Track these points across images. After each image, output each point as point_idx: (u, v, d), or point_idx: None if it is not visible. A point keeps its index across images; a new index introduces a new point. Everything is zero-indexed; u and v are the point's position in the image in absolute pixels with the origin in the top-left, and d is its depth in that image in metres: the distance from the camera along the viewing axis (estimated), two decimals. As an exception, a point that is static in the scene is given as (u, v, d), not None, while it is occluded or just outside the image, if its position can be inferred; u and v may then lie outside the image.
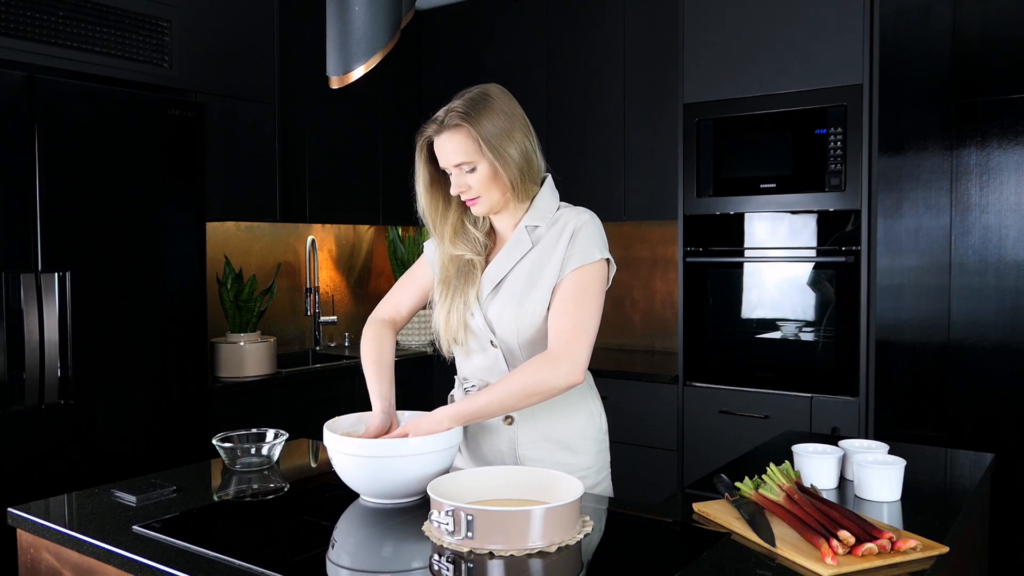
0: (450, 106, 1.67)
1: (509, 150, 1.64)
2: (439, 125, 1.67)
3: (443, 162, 1.69)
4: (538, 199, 1.72)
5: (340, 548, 1.37)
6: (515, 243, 1.71)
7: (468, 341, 1.73)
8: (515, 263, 1.70)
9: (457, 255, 1.75)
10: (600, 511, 1.52)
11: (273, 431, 1.85)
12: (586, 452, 1.74)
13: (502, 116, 1.64)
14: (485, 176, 1.65)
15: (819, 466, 1.63)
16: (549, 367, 1.56)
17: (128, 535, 1.40)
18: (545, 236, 1.69)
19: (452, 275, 1.74)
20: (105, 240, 2.60)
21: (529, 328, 1.66)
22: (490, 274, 1.71)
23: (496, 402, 1.57)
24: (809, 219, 2.90)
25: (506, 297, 1.68)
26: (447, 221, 1.77)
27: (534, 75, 3.88)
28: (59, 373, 2.48)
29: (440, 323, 1.74)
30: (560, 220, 1.70)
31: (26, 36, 2.54)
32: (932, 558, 1.26)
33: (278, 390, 3.24)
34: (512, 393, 1.57)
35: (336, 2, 2.30)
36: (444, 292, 1.75)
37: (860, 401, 2.78)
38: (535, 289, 1.66)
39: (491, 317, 1.69)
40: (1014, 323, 3.35)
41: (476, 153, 1.63)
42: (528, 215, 1.71)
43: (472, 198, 1.68)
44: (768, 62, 2.97)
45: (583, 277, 1.63)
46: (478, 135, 1.62)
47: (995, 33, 3.34)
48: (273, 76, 3.41)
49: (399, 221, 4.20)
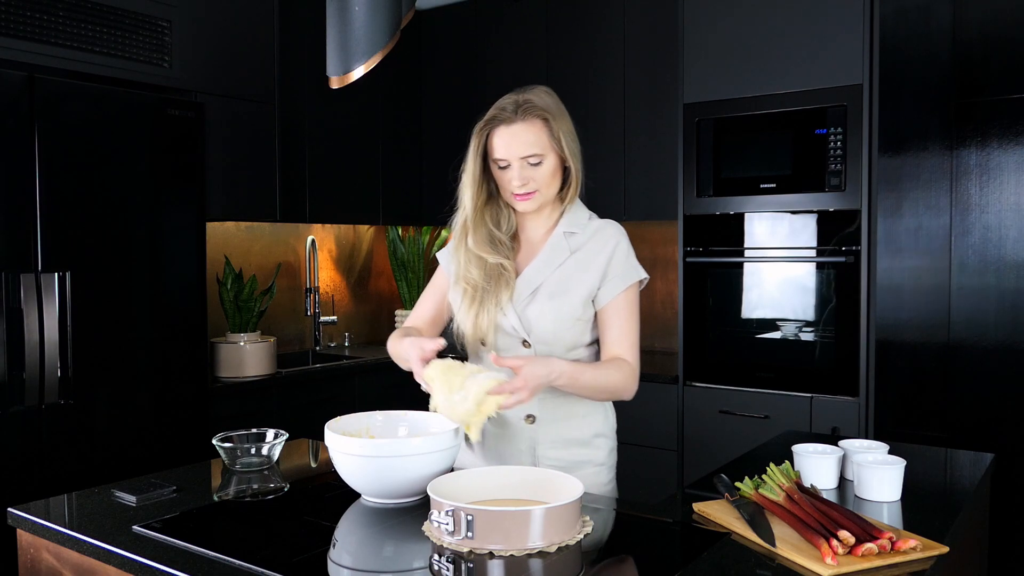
0: (514, 99, 1.68)
1: (573, 146, 1.70)
2: (512, 113, 1.67)
3: (508, 152, 1.67)
4: (573, 208, 1.77)
5: (341, 548, 1.37)
6: (553, 249, 1.74)
7: (498, 341, 1.73)
8: (554, 269, 1.72)
9: (482, 257, 1.73)
10: (600, 511, 1.52)
11: (273, 431, 1.85)
12: (601, 448, 1.78)
13: (567, 115, 1.71)
14: (550, 171, 1.68)
15: (819, 466, 1.63)
16: (632, 378, 1.68)
17: (128, 535, 1.40)
18: (584, 245, 1.73)
19: (477, 278, 1.72)
20: (105, 240, 2.60)
21: (567, 329, 1.70)
22: (528, 278, 1.73)
23: (595, 386, 1.64)
24: (809, 219, 2.90)
25: (545, 300, 1.70)
26: (479, 221, 1.76)
27: (534, 75, 3.88)
28: (59, 373, 2.48)
29: (467, 325, 1.73)
30: (600, 233, 1.75)
31: (26, 36, 2.54)
32: (932, 558, 1.26)
33: (278, 390, 3.24)
34: (605, 385, 1.65)
35: (336, 2, 2.31)
36: (471, 295, 1.73)
37: (860, 401, 2.78)
38: (572, 293, 1.70)
39: (528, 318, 1.70)
40: (1014, 323, 3.35)
41: (548, 146, 1.67)
42: (564, 222, 1.75)
43: (529, 192, 1.69)
44: (768, 62, 2.97)
45: (632, 295, 1.73)
46: (558, 128, 1.66)
47: (995, 33, 3.34)
48: (273, 76, 3.41)
49: (399, 221, 4.21)
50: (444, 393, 1.51)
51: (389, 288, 4.48)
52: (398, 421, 1.71)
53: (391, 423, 1.70)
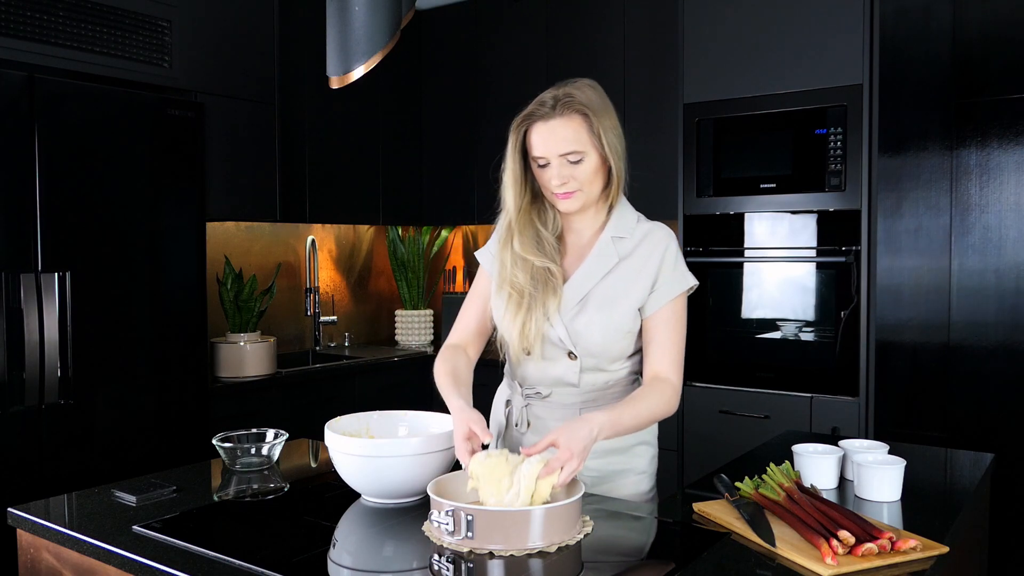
0: (554, 93, 1.59)
1: (616, 143, 1.60)
2: (550, 109, 1.57)
3: (546, 150, 1.58)
4: (620, 208, 1.68)
5: (341, 548, 1.37)
6: (600, 255, 1.65)
7: (544, 351, 1.65)
8: (602, 276, 1.64)
9: (528, 259, 1.64)
10: (600, 511, 1.52)
11: (273, 431, 1.85)
12: (641, 456, 1.73)
13: (611, 109, 1.62)
14: (591, 169, 1.59)
15: (819, 466, 1.63)
16: (674, 397, 1.60)
17: (128, 535, 1.40)
18: (633, 251, 1.65)
19: (522, 282, 1.63)
20: (105, 240, 2.60)
21: (615, 342, 1.63)
22: (575, 286, 1.64)
23: (635, 425, 1.55)
24: (809, 219, 2.90)
25: (594, 311, 1.62)
26: (525, 222, 1.66)
27: (534, 75, 3.88)
28: (59, 373, 2.48)
29: (513, 333, 1.64)
30: (649, 237, 1.67)
31: (26, 36, 2.54)
32: (932, 558, 1.26)
33: (278, 390, 3.24)
34: (644, 416, 1.55)
35: (336, 2, 2.30)
36: (517, 300, 1.63)
37: (860, 401, 2.78)
38: (621, 304, 1.62)
39: (576, 329, 1.62)
40: (1014, 323, 3.35)
41: (588, 143, 1.57)
42: (612, 225, 1.67)
43: (570, 191, 1.59)
44: (768, 62, 2.97)
45: (679, 305, 1.64)
46: (598, 124, 1.57)
47: (995, 33, 3.34)
48: (273, 76, 3.41)
49: (399, 221, 4.21)
50: (495, 495, 1.35)
51: (389, 288, 4.48)
52: (398, 421, 1.71)
53: (391, 423, 1.70)
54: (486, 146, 4.03)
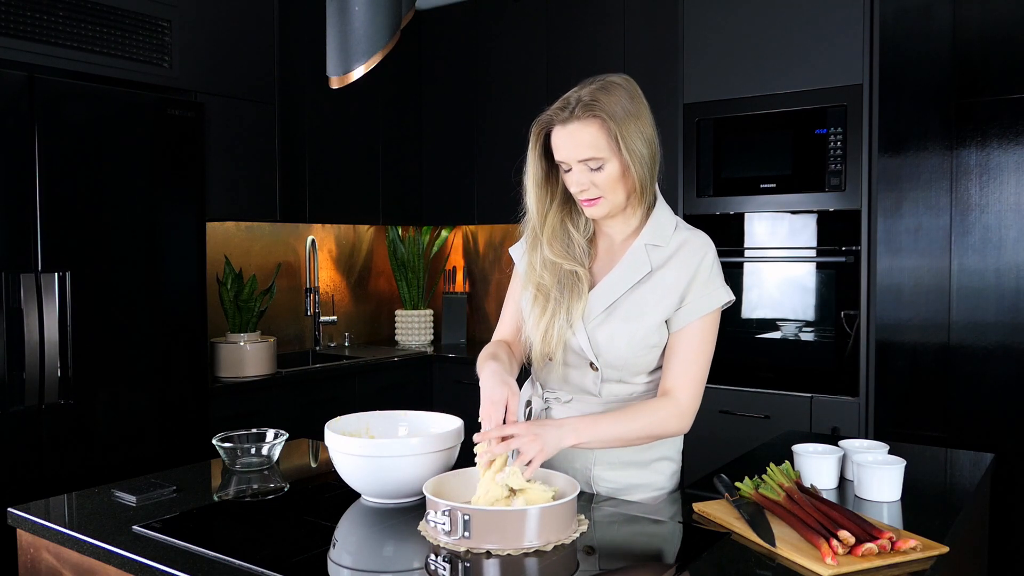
0: (578, 93, 1.51)
1: (642, 148, 1.51)
2: (568, 113, 1.49)
3: (564, 155, 1.51)
4: (657, 213, 1.60)
5: (341, 548, 1.37)
6: (632, 263, 1.57)
7: (566, 358, 1.60)
8: (631, 286, 1.56)
9: (556, 262, 1.59)
10: (600, 510, 1.52)
11: (273, 431, 1.85)
12: (661, 472, 1.67)
13: (635, 110, 1.52)
14: (613, 175, 1.51)
15: (819, 466, 1.63)
16: (676, 418, 1.52)
17: (128, 535, 1.40)
18: (667, 262, 1.56)
19: (548, 284, 1.58)
20: (105, 240, 2.60)
21: (640, 356, 1.57)
22: (601, 294, 1.57)
23: (618, 436, 1.48)
24: (809, 219, 2.90)
25: (619, 322, 1.55)
26: (547, 223, 1.60)
27: (534, 75, 3.88)
28: (59, 373, 2.48)
29: (536, 338, 1.59)
30: (684, 247, 1.57)
31: (26, 36, 2.54)
32: (932, 558, 1.26)
33: (278, 390, 3.24)
34: (634, 431, 1.49)
35: (336, 2, 2.30)
36: (542, 303, 1.59)
37: (860, 401, 2.78)
38: (648, 317, 1.55)
39: (599, 340, 1.56)
40: (1014, 323, 3.35)
41: (608, 149, 1.49)
42: (647, 231, 1.58)
43: (593, 198, 1.53)
44: (768, 62, 2.97)
45: (708, 322, 1.56)
46: (616, 129, 1.47)
47: (995, 33, 3.34)
48: (273, 76, 3.41)
49: (399, 221, 4.21)
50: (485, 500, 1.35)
51: (389, 288, 4.48)
52: (398, 421, 1.71)
53: (391, 423, 1.70)
54: (486, 146, 4.03)
